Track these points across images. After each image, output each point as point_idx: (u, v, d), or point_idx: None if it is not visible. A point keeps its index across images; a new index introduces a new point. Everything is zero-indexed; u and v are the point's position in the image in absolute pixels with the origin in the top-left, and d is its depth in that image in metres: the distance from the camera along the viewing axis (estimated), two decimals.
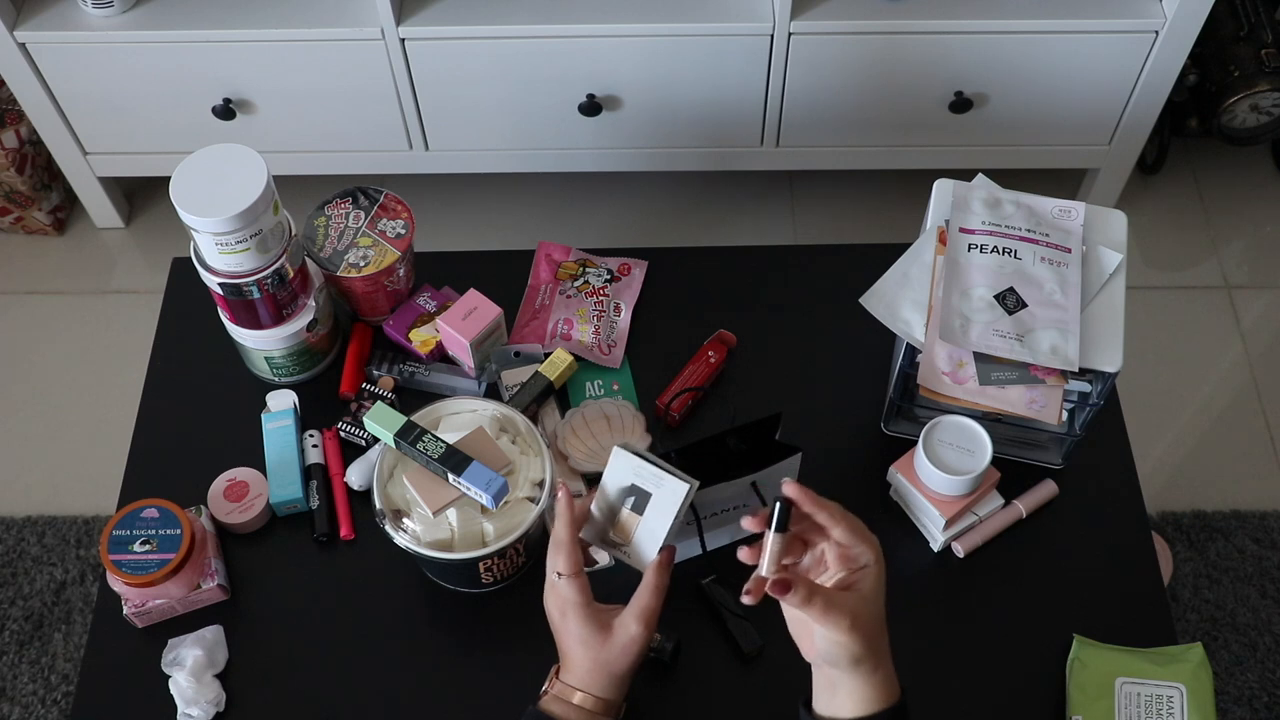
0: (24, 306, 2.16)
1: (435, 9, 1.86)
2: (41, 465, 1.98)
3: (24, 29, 1.86)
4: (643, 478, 0.95)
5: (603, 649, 0.93)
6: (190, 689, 1.07)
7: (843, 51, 1.88)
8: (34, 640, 1.79)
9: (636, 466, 0.94)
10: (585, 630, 0.94)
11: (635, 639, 0.93)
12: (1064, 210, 1.15)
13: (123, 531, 1.09)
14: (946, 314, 1.08)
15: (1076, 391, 1.11)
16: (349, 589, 1.14)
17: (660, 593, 0.94)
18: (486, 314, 1.23)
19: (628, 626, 0.93)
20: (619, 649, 0.93)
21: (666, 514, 0.94)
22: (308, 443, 1.21)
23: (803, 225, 2.22)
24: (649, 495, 0.95)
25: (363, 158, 2.08)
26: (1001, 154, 2.07)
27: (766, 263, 1.36)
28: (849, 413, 1.24)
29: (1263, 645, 1.77)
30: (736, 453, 1.04)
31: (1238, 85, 2.00)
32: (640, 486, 0.95)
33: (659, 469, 0.94)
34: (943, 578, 1.15)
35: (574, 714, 0.93)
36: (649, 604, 0.93)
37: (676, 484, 0.93)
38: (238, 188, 1.07)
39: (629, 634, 0.93)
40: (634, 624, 0.93)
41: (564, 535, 0.95)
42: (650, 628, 0.93)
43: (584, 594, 0.94)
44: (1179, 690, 1.05)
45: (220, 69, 1.91)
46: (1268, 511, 1.90)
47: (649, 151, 2.07)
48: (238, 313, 1.18)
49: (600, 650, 0.93)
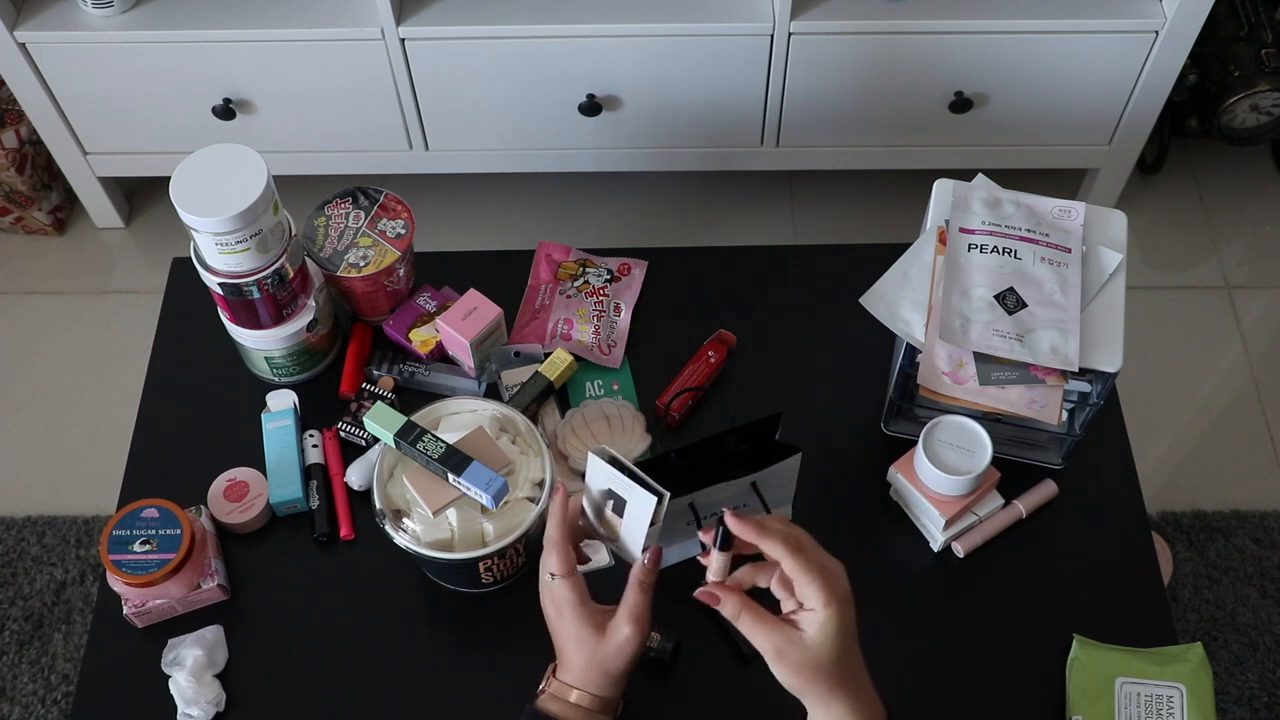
0: (24, 306, 2.16)
1: (435, 9, 1.86)
2: (41, 465, 1.98)
3: (24, 29, 1.86)
4: (616, 485, 0.94)
5: (598, 648, 0.93)
6: (190, 689, 1.07)
7: (843, 51, 1.88)
8: (34, 640, 1.79)
9: (609, 474, 0.94)
10: (581, 630, 0.94)
11: (629, 639, 0.93)
12: (1064, 210, 1.15)
13: (123, 531, 1.09)
14: (946, 314, 1.08)
15: (1076, 391, 1.11)
16: (349, 589, 1.14)
17: (646, 589, 0.94)
18: (486, 314, 1.23)
19: (620, 627, 0.93)
20: (614, 649, 0.93)
21: (642, 521, 0.93)
22: (308, 443, 1.21)
23: (803, 225, 2.22)
24: (624, 501, 0.94)
25: (363, 158, 2.08)
26: (1001, 154, 2.07)
27: (766, 263, 1.36)
28: (849, 413, 1.24)
29: (1263, 645, 1.77)
30: (736, 453, 1.04)
31: (1238, 85, 2.00)
32: (616, 492, 0.94)
33: (629, 480, 0.93)
34: (943, 578, 1.15)
35: (571, 712, 0.93)
36: (637, 601, 0.93)
37: (645, 496, 0.91)
38: (238, 188, 1.07)
39: (622, 635, 0.93)
40: (626, 624, 0.93)
41: (555, 535, 0.95)
42: (642, 626, 0.93)
43: (578, 593, 0.94)
44: (1179, 690, 1.05)
45: (220, 69, 1.91)
46: (1268, 511, 1.90)
47: (649, 151, 2.07)
48: (238, 313, 1.18)
49: (596, 649, 0.93)
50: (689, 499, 1.03)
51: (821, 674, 0.83)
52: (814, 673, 0.83)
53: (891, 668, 0.90)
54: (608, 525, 0.97)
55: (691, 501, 1.04)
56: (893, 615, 1.12)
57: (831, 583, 0.83)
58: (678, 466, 1.01)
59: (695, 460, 1.01)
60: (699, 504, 1.05)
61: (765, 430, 1.04)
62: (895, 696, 0.88)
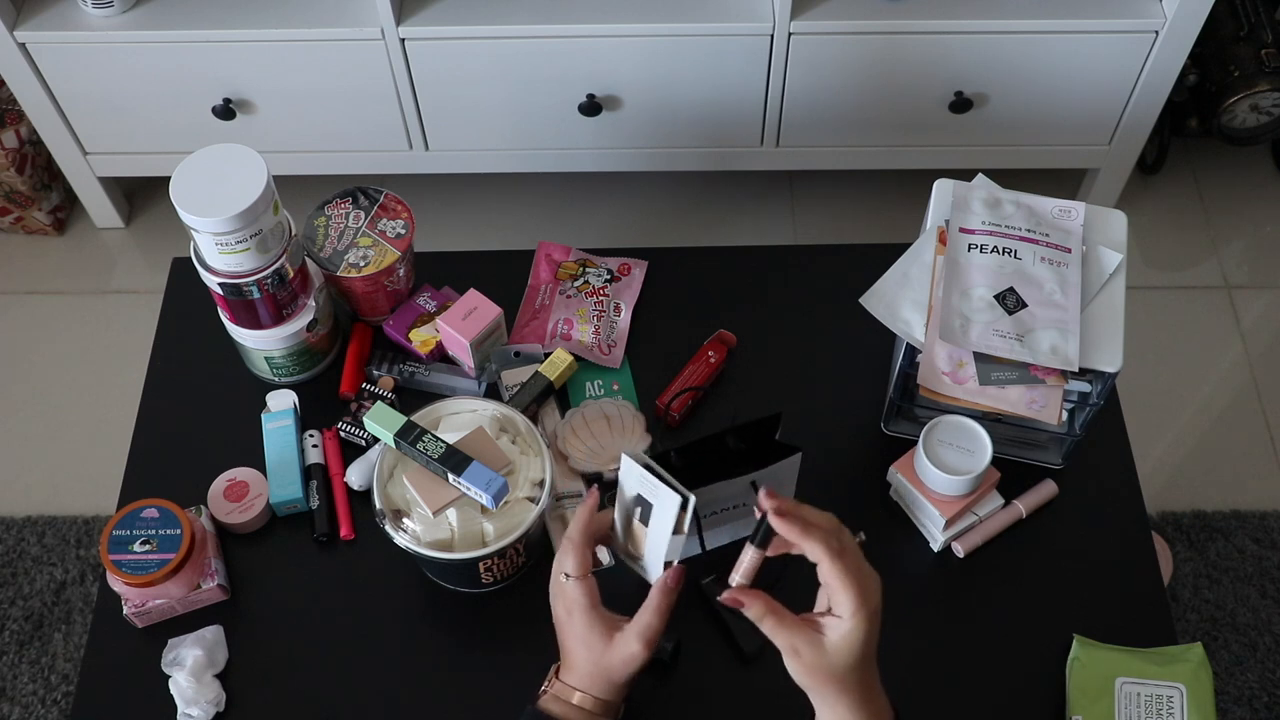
0: (24, 306, 2.16)
1: (435, 9, 1.86)
2: (41, 465, 1.98)
3: (24, 29, 1.86)
4: (645, 487, 0.93)
5: (604, 655, 0.93)
6: (190, 689, 1.07)
7: (843, 51, 1.88)
8: (34, 640, 1.79)
9: (640, 475, 0.93)
10: (589, 634, 0.93)
11: (635, 656, 0.92)
12: (1064, 210, 1.15)
13: (123, 531, 1.09)
14: (946, 314, 1.08)
15: (1076, 391, 1.11)
16: (349, 589, 1.14)
17: (663, 614, 0.93)
18: (486, 314, 1.23)
19: (629, 642, 0.92)
20: (619, 661, 0.93)
21: (665, 527, 0.93)
22: (308, 443, 1.21)
23: (803, 225, 2.22)
24: (651, 506, 0.94)
25: (363, 158, 2.08)
26: (1001, 154, 2.07)
27: (766, 263, 1.36)
28: (849, 413, 1.24)
29: (1263, 645, 1.77)
30: (736, 452, 1.04)
31: (1238, 85, 2.00)
32: (644, 497, 0.94)
33: (658, 479, 0.92)
34: (943, 578, 1.15)
35: (573, 714, 0.93)
36: (650, 623, 0.92)
37: (670, 495, 0.91)
38: (238, 188, 1.07)
39: (630, 650, 0.92)
40: (635, 641, 0.92)
41: (575, 536, 0.95)
42: (651, 647, 0.92)
43: (590, 596, 0.94)
44: (1179, 690, 1.05)
45: (220, 69, 1.91)
46: (1268, 511, 1.90)
47: (649, 151, 2.07)
48: (238, 313, 1.18)
49: (602, 655, 0.93)
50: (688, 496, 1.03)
51: (834, 678, 0.84)
52: (826, 676, 0.84)
53: (892, 668, 0.90)
54: (634, 540, 0.96)
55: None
56: (893, 615, 1.11)
57: (864, 594, 0.83)
58: (676, 466, 1.01)
59: (695, 459, 1.01)
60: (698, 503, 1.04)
61: (765, 430, 1.04)
62: (895, 696, 0.88)
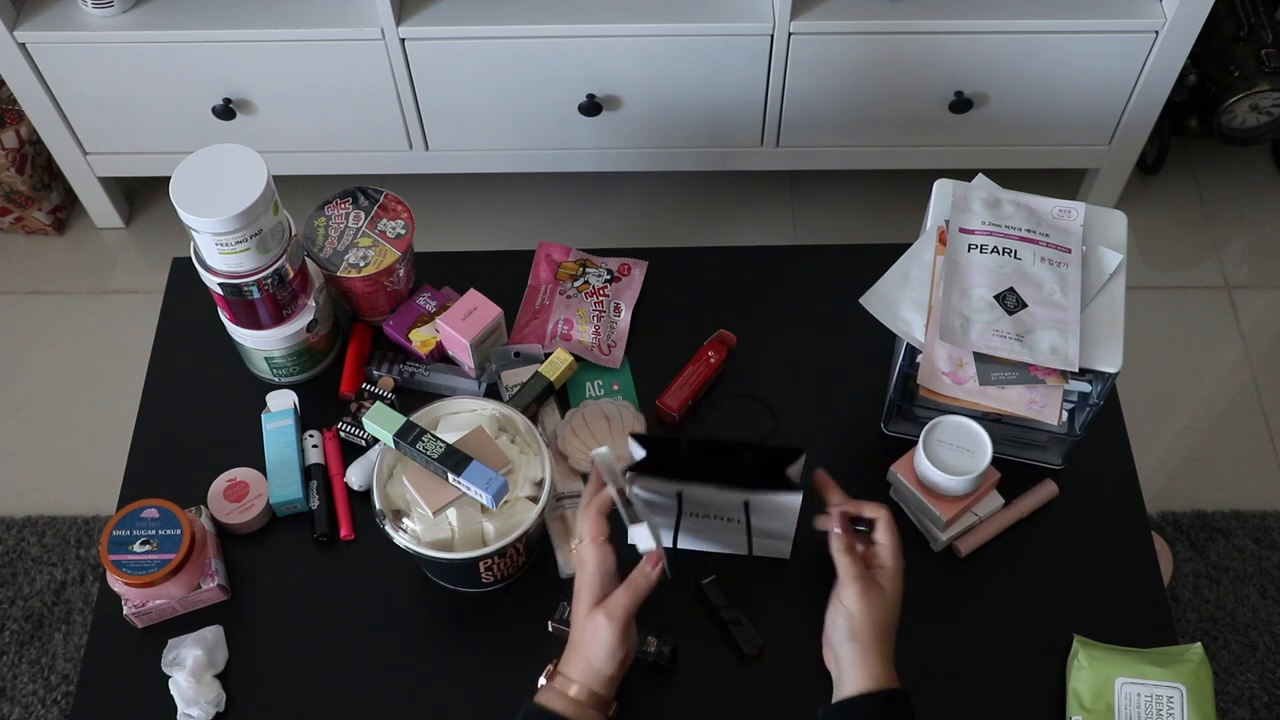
0: (24, 306, 2.16)
1: (435, 9, 1.86)
2: (41, 465, 1.98)
3: (24, 29, 1.86)
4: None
5: (581, 631, 0.96)
6: (190, 689, 1.07)
7: (843, 51, 1.88)
8: (34, 640, 1.79)
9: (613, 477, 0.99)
10: (581, 601, 0.96)
11: (598, 627, 0.94)
12: (1064, 210, 1.15)
13: (123, 532, 1.09)
14: (946, 314, 1.08)
15: (1076, 391, 1.11)
16: (349, 589, 1.14)
17: (633, 591, 0.95)
18: (486, 314, 1.23)
19: (595, 615, 0.95)
20: (588, 634, 0.95)
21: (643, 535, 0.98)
22: (308, 443, 1.21)
23: (803, 225, 2.22)
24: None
25: (363, 158, 2.08)
26: (1001, 154, 2.07)
27: (766, 263, 1.35)
28: (849, 413, 1.24)
29: (1263, 645, 1.77)
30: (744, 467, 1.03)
31: (1238, 85, 2.00)
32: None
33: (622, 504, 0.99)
34: (943, 578, 1.15)
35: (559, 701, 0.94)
36: (620, 599, 0.95)
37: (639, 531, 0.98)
38: (238, 188, 1.07)
39: (594, 623, 0.95)
40: (599, 614, 0.94)
41: (586, 500, 0.99)
42: (616, 620, 0.94)
43: (594, 561, 0.96)
44: (1179, 690, 1.05)
45: (220, 69, 1.91)
46: (1268, 511, 1.90)
47: (649, 151, 2.07)
48: (238, 313, 1.18)
49: (580, 632, 0.96)
50: (680, 487, 1.03)
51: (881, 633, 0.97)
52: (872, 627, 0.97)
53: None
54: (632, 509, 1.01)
55: (680, 491, 1.04)
56: None
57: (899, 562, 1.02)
58: (684, 455, 1.02)
59: (703, 455, 1.02)
60: (686, 497, 1.05)
61: (780, 460, 1.02)
62: None
